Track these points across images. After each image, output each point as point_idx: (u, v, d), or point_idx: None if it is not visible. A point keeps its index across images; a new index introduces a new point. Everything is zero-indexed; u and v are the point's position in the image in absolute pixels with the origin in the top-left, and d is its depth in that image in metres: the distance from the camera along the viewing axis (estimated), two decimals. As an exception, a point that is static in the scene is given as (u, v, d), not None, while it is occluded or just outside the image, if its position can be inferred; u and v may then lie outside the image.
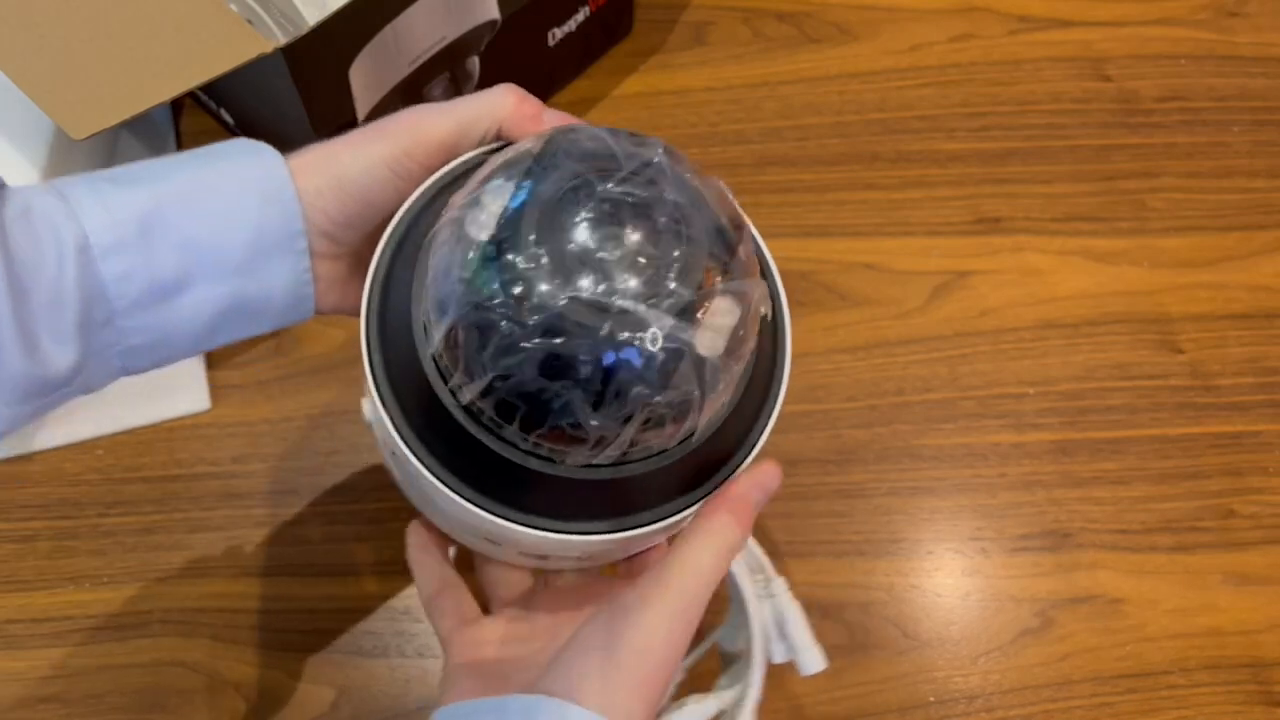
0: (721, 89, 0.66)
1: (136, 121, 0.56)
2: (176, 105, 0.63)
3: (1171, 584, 0.53)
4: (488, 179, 0.30)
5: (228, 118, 0.60)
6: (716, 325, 0.29)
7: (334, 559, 0.52)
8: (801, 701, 0.50)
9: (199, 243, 0.33)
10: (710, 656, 0.45)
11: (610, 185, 0.29)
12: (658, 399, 0.28)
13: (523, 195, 0.29)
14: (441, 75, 0.55)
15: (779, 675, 0.50)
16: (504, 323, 0.28)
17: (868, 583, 0.52)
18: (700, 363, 0.28)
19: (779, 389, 0.34)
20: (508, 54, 0.56)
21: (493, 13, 0.53)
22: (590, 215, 0.28)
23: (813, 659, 0.43)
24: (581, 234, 0.28)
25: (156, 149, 0.61)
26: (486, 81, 0.56)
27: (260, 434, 0.55)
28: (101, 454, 0.54)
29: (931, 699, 0.50)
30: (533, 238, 0.28)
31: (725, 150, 0.63)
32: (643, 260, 0.28)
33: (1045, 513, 0.54)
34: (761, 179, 0.63)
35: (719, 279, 0.29)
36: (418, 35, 0.51)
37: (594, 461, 0.30)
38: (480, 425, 0.30)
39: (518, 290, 0.27)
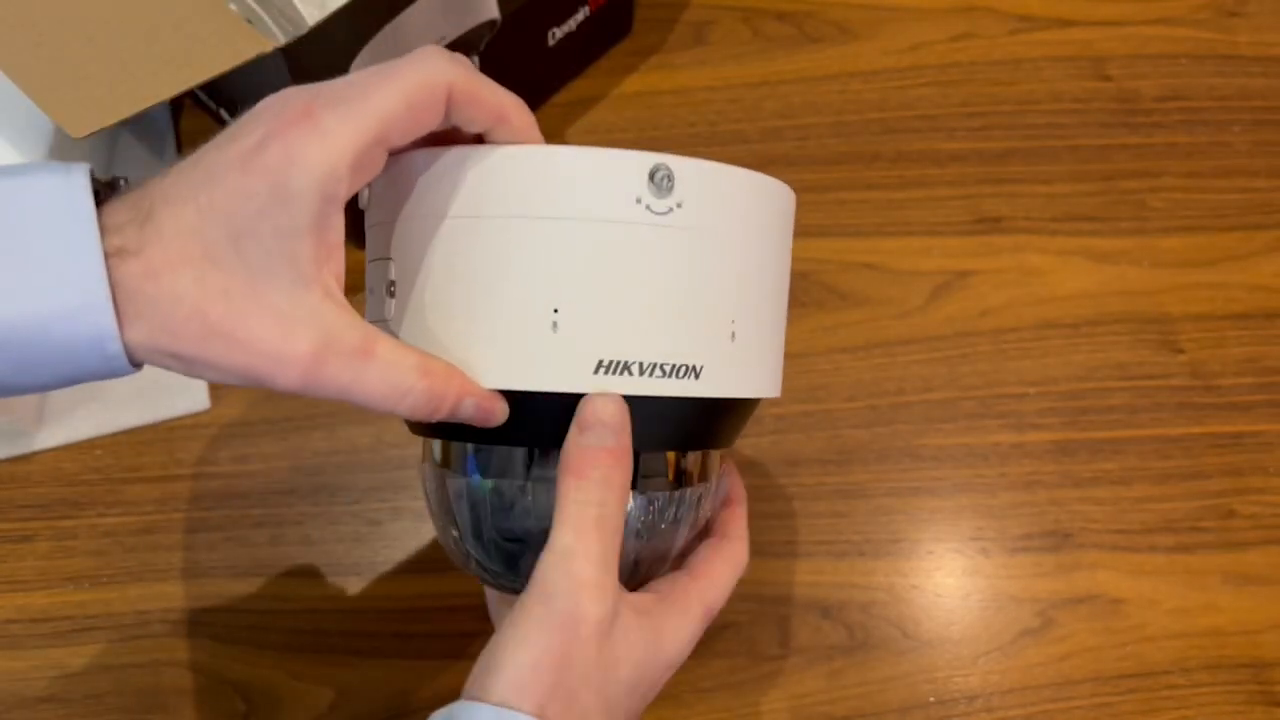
0: (721, 88, 0.66)
1: (136, 121, 0.56)
2: (176, 105, 0.63)
3: (1172, 584, 0.53)
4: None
5: (227, 117, 0.59)
6: None
7: (333, 560, 0.52)
8: (801, 701, 0.50)
9: None
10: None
11: None
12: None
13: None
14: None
15: (780, 675, 0.50)
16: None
17: (868, 583, 0.52)
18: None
19: None
20: (507, 53, 0.56)
21: (492, 12, 0.53)
22: None
23: None
24: None
25: (156, 148, 0.61)
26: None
27: (259, 434, 0.55)
28: (101, 454, 0.54)
29: (932, 699, 0.50)
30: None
31: (725, 150, 0.63)
32: None
33: (1045, 513, 0.54)
34: (761, 179, 0.62)
35: None
36: (417, 35, 0.50)
37: None
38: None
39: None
